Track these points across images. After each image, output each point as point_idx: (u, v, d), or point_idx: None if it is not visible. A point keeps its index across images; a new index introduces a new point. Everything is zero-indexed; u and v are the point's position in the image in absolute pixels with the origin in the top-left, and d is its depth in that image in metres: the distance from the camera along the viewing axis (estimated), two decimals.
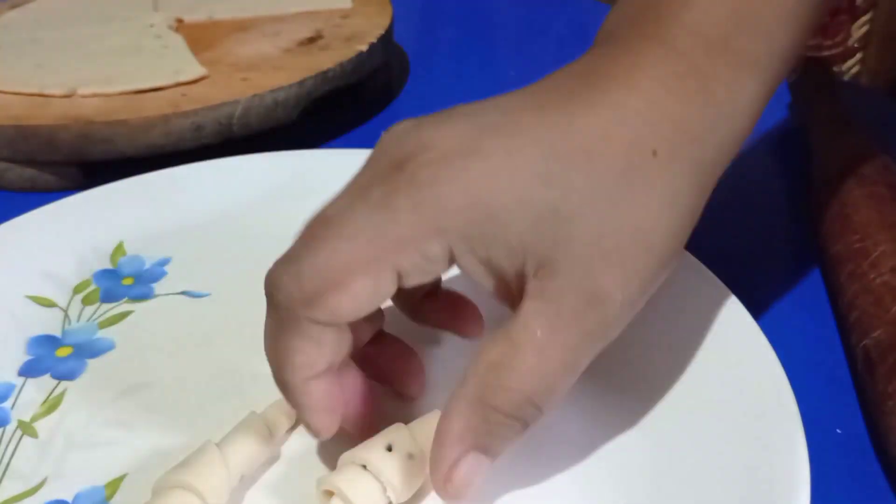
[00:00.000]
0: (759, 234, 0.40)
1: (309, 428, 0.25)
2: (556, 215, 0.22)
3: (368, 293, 0.22)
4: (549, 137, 0.22)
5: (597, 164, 0.22)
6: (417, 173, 0.22)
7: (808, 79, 0.50)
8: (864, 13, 0.62)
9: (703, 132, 0.24)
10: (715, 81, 0.24)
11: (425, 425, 0.26)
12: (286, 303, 0.23)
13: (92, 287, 0.35)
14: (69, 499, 0.26)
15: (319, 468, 0.26)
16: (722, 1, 0.24)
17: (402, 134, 0.23)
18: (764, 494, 0.23)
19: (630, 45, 0.25)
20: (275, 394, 0.29)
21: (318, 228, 0.23)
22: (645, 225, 0.22)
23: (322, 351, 0.23)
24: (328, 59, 0.49)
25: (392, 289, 0.23)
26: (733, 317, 0.30)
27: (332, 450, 0.27)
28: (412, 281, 0.23)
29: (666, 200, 0.23)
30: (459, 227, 0.22)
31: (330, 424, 0.25)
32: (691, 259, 0.33)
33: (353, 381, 0.27)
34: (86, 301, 0.34)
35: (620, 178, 0.22)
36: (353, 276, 0.22)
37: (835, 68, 0.67)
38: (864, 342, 0.30)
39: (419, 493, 0.26)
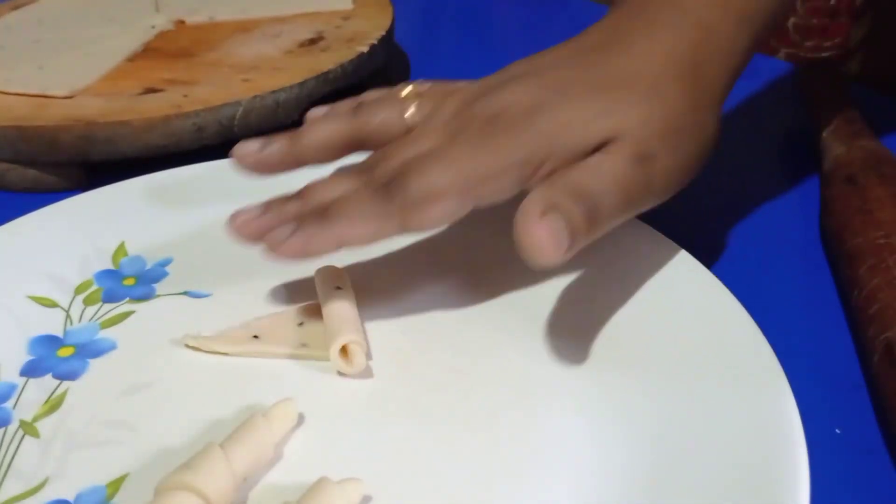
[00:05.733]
0: (761, 233, 0.40)
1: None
2: (613, 128, 0.29)
3: (452, 211, 0.29)
4: (594, 82, 0.30)
5: (633, 86, 0.30)
6: (499, 126, 0.29)
7: (817, 79, 0.50)
8: (864, 13, 0.62)
9: (711, 68, 0.31)
10: (716, 32, 0.32)
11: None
12: (395, 198, 0.29)
13: (94, 287, 0.35)
14: (71, 498, 0.26)
15: (322, 469, 0.26)
16: None
17: (491, 93, 0.30)
18: (764, 494, 0.23)
19: (647, 6, 0.32)
20: (277, 394, 0.29)
21: (427, 158, 0.29)
22: (681, 117, 0.30)
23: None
24: (329, 60, 0.49)
25: (468, 209, 0.29)
26: (732, 317, 0.30)
27: (335, 450, 0.27)
28: (485, 203, 0.29)
29: (691, 105, 0.31)
30: (532, 161, 0.29)
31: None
32: (689, 258, 0.33)
33: None
34: (87, 301, 0.34)
35: (654, 91, 0.30)
36: (446, 197, 0.28)
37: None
38: (885, 334, 0.30)
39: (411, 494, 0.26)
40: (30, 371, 0.31)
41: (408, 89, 0.34)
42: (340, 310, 0.31)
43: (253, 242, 0.30)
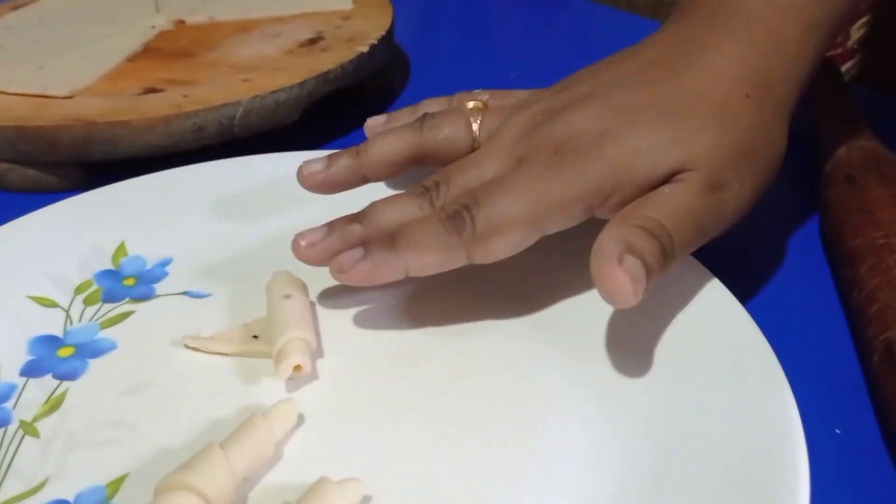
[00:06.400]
0: (761, 233, 0.40)
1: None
2: (683, 159, 0.29)
3: (519, 243, 0.29)
4: (663, 106, 0.29)
5: (703, 109, 0.29)
6: (568, 156, 0.29)
7: (817, 80, 0.50)
8: (864, 14, 0.62)
9: (780, 79, 0.31)
10: (787, 40, 0.31)
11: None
12: (462, 230, 0.29)
13: (94, 287, 0.35)
14: (71, 498, 0.26)
15: (322, 469, 0.26)
16: None
17: (558, 116, 0.30)
18: (764, 494, 0.23)
19: (715, 14, 0.32)
20: (277, 394, 0.29)
21: (494, 187, 0.29)
22: (752, 140, 0.30)
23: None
24: (329, 60, 0.49)
25: (536, 239, 0.29)
26: (732, 317, 0.30)
27: (335, 450, 0.27)
28: (552, 231, 0.29)
29: (761, 124, 0.30)
30: (601, 192, 0.29)
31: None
32: (691, 260, 0.33)
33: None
34: (87, 301, 0.34)
35: (725, 113, 0.30)
36: (514, 229, 0.28)
37: None
38: (885, 334, 0.30)
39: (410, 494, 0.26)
40: (30, 371, 0.31)
41: (471, 103, 0.33)
42: (282, 317, 0.31)
43: (320, 264, 0.31)
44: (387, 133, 0.34)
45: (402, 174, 0.34)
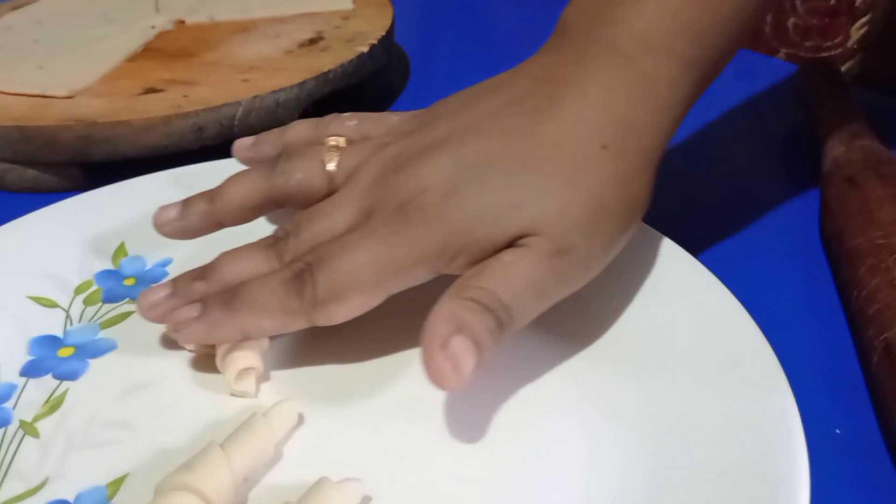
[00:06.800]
0: (761, 233, 0.40)
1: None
2: (527, 225, 0.27)
3: (361, 306, 0.28)
4: (512, 162, 0.28)
5: (554, 164, 0.28)
6: (412, 216, 0.28)
7: (817, 79, 0.50)
8: (864, 14, 0.62)
9: (645, 125, 0.29)
10: (657, 82, 0.30)
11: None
12: (302, 294, 0.28)
13: (94, 287, 0.35)
14: (71, 499, 0.26)
15: (321, 469, 0.26)
16: (666, 12, 0.30)
17: (410, 165, 0.29)
18: (764, 494, 0.23)
19: (587, 50, 0.30)
20: (277, 394, 0.29)
21: (337, 248, 0.28)
22: (603, 199, 0.28)
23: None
24: (329, 60, 0.49)
25: (381, 300, 0.28)
26: (732, 317, 0.30)
27: (335, 450, 0.27)
28: (398, 291, 0.28)
29: (617, 180, 0.28)
30: (444, 255, 0.28)
31: None
32: (689, 258, 0.33)
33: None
34: (87, 301, 0.34)
35: (577, 169, 0.28)
36: (355, 294, 0.28)
37: None
38: (885, 335, 0.30)
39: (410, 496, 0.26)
40: (30, 371, 0.31)
41: (331, 140, 0.32)
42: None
43: (159, 322, 0.30)
44: (240, 177, 0.32)
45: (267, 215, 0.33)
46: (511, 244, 0.28)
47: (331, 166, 0.31)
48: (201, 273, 0.30)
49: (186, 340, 0.30)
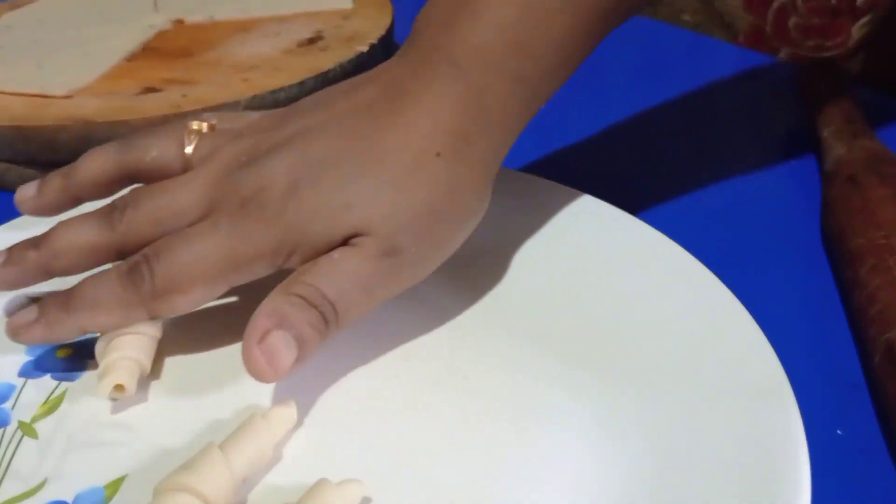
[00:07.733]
0: (761, 233, 0.40)
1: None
2: (357, 225, 0.28)
3: (200, 298, 0.29)
4: (350, 165, 0.29)
5: (388, 168, 0.29)
6: (252, 213, 0.28)
7: (817, 79, 0.50)
8: (865, 13, 0.62)
9: (478, 136, 0.30)
10: (488, 95, 0.31)
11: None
12: (139, 286, 0.28)
13: None
14: (69, 499, 0.26)
15: (321, 470, 0.26)
16: (500, 29, 0.31)
17: (257, 162, 0.29)
18: (765, 495, 0.23)
19: (429, 60, 0.31)
20: (277, 395, 0.29)
21: (177, 240, 0.29)
22: (434, 203, 0.29)
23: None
24: (328, 59, 0.49)
25: (221, 293, 0.29)
26: (733, 317, 0.30)
27: (334, 451, 0.27)
28: (237, 284, 0.29)
29: (450, 186, 0.30)
30: (281, 251, 0.28)
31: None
32: (690, 258, 0.33)
33: None
34: None
35: (410, 174, 0.29)
36: (194, 286, 0.28)
37: None
38: (886, 335, 0.30)
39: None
40: (28, 372, 0.31)
41: (194, 124, 0.32)
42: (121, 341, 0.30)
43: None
44: (97, 152, 0.33)
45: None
46: (344, 243, 0.29)
47: (188, 149, 0.31)
48: (35, 243, 0.31)
49: (27, 342, 0.30)
